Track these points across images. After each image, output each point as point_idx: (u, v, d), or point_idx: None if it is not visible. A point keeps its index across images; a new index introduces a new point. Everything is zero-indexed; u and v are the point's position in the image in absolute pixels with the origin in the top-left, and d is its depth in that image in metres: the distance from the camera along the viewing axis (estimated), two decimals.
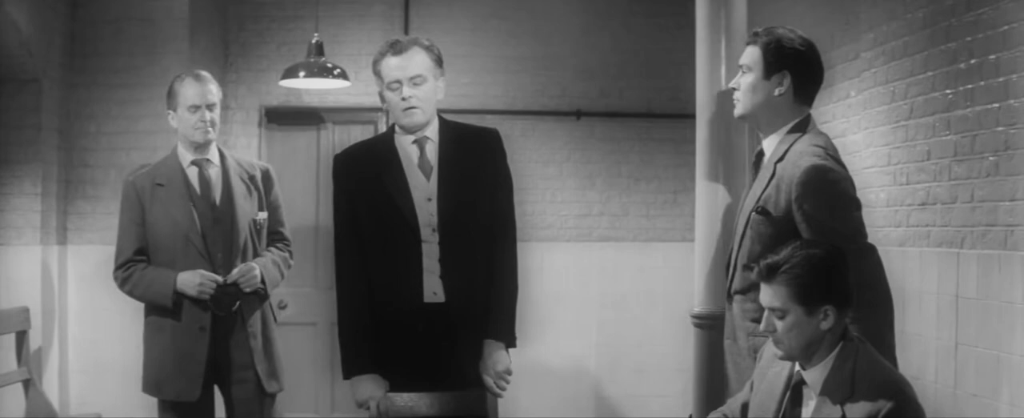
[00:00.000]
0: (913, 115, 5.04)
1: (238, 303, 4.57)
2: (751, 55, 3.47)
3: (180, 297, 4.50)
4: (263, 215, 4.74)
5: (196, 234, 4.55)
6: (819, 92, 3.57)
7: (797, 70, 3.42)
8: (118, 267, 4.61)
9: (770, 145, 3.48)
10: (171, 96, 4.61)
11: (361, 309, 3.84)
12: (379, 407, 3.76)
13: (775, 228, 3.31)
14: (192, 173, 4.63)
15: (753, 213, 3.39)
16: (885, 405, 2.79)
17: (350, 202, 3.88)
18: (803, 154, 3.30)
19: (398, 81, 3.79)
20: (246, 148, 7.46)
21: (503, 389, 3.85)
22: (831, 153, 3.37)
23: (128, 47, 6.54)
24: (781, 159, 3.36)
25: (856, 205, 3.33)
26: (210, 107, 4.59)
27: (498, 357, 3.84)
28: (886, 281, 3.30)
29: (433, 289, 3.80)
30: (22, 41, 5.77)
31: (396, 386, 3.80)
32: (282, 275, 4.81)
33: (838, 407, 2.87)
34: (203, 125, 4.56)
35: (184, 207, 4.56)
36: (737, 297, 3.50)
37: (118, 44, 6.54)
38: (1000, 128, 4.37)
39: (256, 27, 7.55)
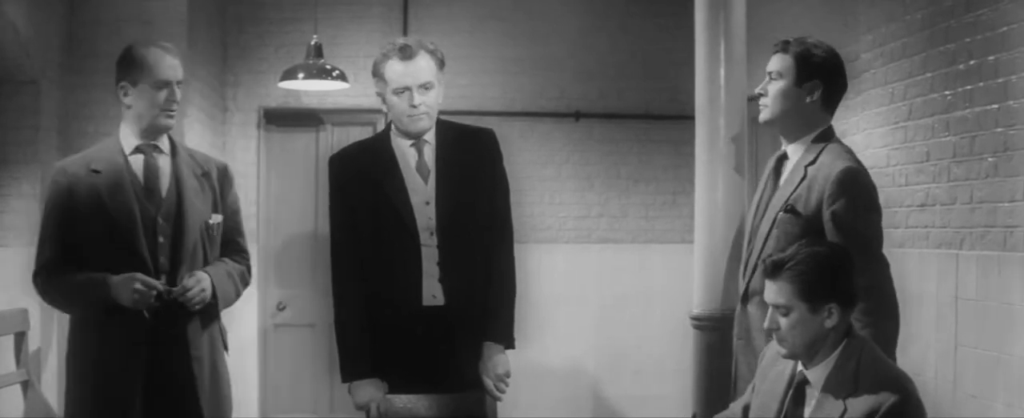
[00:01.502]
0: (912, 116, 5.04)
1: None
2: (782, 62, 3.52)
3: (112, 306, 3.64)
4: (217, 218, 3.88)
5: (137, 234, 3.67)
6: None
7: (828, 80, 3.51)
8: (38, 271, 3.78)
9: (796, 151, 3.55)
10: (132, 67, 3.77)
11: (359, 312, 3.82)
12: (378, 409, 3.75)
13: (803, 228, 3.37)
14: (136, 161, 3.78)
15: (781, 213, 3.44)
16: (888, 399, 2.81)
17: (347, 204, 3.86)
18: (839, 158, 3.40)
19: (407, 88, 3.76)
20: (245, 150, 7.46)
21: (503, 392, 3.84)
22: (859, 161, 3.47)
23: None
24: (812, 163, 3.43)
25: (879, 213, 3.42)
26: (179, 84, 3.80)
27: (498, 360, 3.83)
28: (895, 292, 3.36)
29: (432, 292, 3.78)
30: (20, 42, 5.76)
31: (395, 389, 3.79)
32: (237, 292, 3.96)
33: (841, 402, 2.88)
34: (170, 108, 3.76)
35: (124, 200, 3.70)
36: (755, 298, 3.52)
37: (117, 45, 6.40)
38: (999, 129, 4.37)
39: (255, 29, 7.55)
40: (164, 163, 3.82)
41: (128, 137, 3.80)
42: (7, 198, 6.12)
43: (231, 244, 3.97)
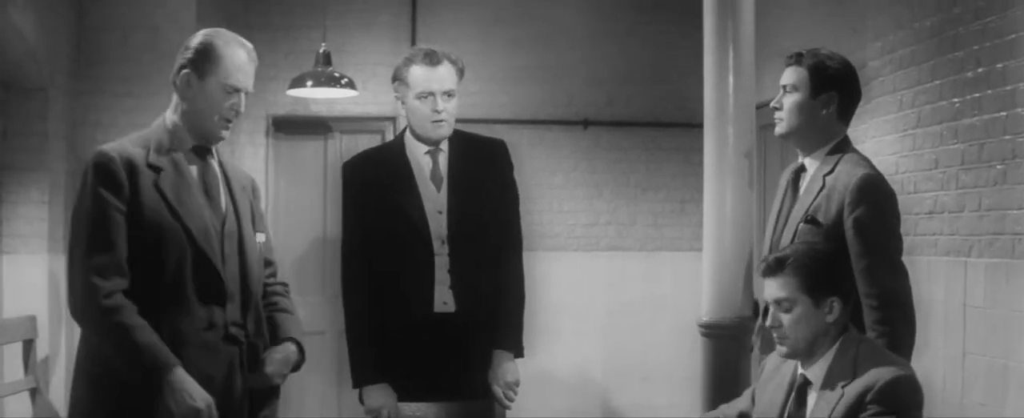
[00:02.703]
0: (920, 124, 5.04)
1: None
2: (796, 75, 3.50)
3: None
4: (261, 238, 3.33)
5: (212, 245, 3.09)
6: None
7: (843, 90, 3.49)
8: (105, 292, 3.03)
9: (813, 163, 3.53)
10: (206, 57, 3.17)
11: (370, 318, 3.83)
12: (389, 415, 3.75)
13: (824, 237, 3.36)
14: (193, 161, 3.20)
15: (802, 224, 3.43)
16: (884, 376, 2.84)
17: (359, 210, 3.88)
18: (857, 166, 3.40)
19: (431, 93, 3.78)
20: (253, 157, 7.47)
21: (511, 400, 3.84)
22: (877, 169, 3.47)
23: (134, 55, 6.54)
24: (830, 172, 3.43)
25: (899, 219, 3.42)
26: (247, 96, 3.25)
27: (507, 368, 3.84)
28: (912, 302, 3.35)
29: (443, 299, 3.80)
30: (28, 49, 5.78)
31: (405, 396, 3.79)
32: None
33: (839, 390, 2.90)
34: (231, 118, 3.21)
35: (193, 204, 3.09)
36: None
37: (124, 52, 6.54)
38: (1007, 137, 4.36)
39: (263, 36, 7.54)
40: (218, 171, 3.26)
41: (181, 132, 3.20)
42: (15, 205, 6.13)
43: (268, 265, 3.43)
